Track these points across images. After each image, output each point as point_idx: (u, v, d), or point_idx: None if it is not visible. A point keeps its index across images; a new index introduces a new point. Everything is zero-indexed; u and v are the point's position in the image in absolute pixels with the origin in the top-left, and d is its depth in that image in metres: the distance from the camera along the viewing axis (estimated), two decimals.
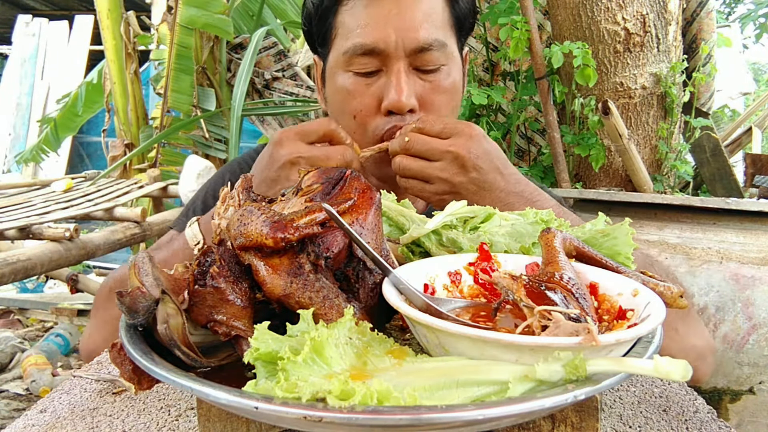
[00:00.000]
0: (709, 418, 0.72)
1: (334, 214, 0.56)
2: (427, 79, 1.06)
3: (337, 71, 1.08)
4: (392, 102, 1.02)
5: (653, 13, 2.90)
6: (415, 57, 1.03)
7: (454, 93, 1.10)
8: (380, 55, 1.03)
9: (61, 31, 8.52)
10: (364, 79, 1.05)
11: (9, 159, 7.93)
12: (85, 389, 0.81)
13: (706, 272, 2.25)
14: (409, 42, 1.02)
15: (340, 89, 1.08)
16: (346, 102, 1.07)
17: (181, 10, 3.95)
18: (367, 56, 1.03)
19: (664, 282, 0.66)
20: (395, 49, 1.02)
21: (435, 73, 1.06)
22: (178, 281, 0.56)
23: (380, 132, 1.05)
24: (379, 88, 1.04)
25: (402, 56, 1.02)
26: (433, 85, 1.06)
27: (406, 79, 1.03)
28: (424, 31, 1.03)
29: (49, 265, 2.52)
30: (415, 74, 1.05)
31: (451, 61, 1.08)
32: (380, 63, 1.04)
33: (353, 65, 1.05)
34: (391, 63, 1.03)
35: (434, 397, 0.44)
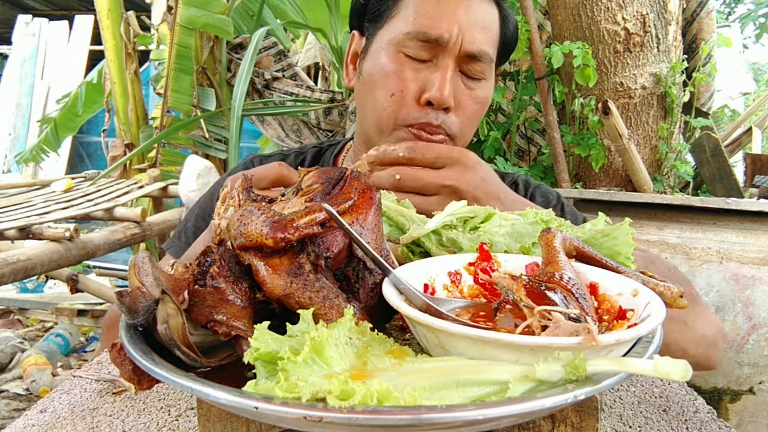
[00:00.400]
0: (709, 418, 0.72)
1: (334, 214, 0.56)
2: (469, 85, 1.09)
3: (388, 49, 1.09)
4: (434, 95, 1.04)
5: (653, 13, 2.90)
6: (465, 60, 1.06)
7: (484, 107, 1.14)
8: (437, 46, 1.04)
9: (61, 31, 8.53)
10: (414, 63, 1.07)
11: (9, 159, 7.93)
12: (85, 389, 0.81)
13: (706, 272, 2.25)
14: (467, 44, 1.05)
15: (386, 66, 1.08)
16: (388, 79, 1.08)
17: (181, 10, 3.95)
18: (426, 43, 1.05)
19: (664, 282, 0.66)
20: (453, 45, 1.04)
21: (476, 83, 1.10)
22: (178, 281, 0.56)
23: (411, 121, 1.06)
24: (424, 78, 1.06)
25: (455, 55, 1.05)
26: (472, 93, 1.09)
27: (452, 76, 1.05)
28: (480, 40, 1.06)
29: (49, 265, 2.52)
30: (460, 77, 1.08)
31: (489, 78, 1.12)
32: (433, 55, 1.05)
33: (408, 48, 1.06)
34: (444, 58, 1.05)
35: (434, 397, 0.44)
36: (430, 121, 1.05)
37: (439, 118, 1.05)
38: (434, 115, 1.05)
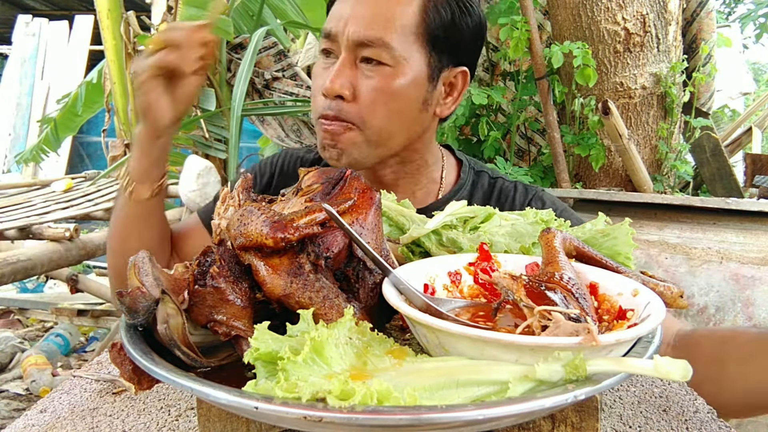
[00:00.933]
0: (709, 418, 0.72)
1: (334, 214, 0.56)
2: (367, 73, 1.10)
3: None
4: (323, 85, 1.09)
5: (653, 13, 2.90)
6: (358, 50, 1.09)
7: (394, 95, 1.11)
8: (333, 41, 1.11)
9: (61, 31, 8.52)
10: (323, 61, 1.15)
11: (9, 159, 7.93)
12: (85, 389, 0.81)
13: (706, 272, 2.25)
14: (353, 34, 1.08)
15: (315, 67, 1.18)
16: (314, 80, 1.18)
17: (181, 10, 3.95)
18: (326, 40, 1.12)
19: (664, 282, 0.66)
20: (341, 37, 1.09)
21: (375, 68, 1.09)
22: (178, 281, 0.56)
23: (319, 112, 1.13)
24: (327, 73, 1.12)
25: (347, 46, 1.09)
26: (371, 81, 1.09)
27: (342, 67, 1.09)
28: (369, 28, 1.08)
29: (49, 265, 2.52)
30: (359, 66, 1.10)
31: (398, 67, 1.10)
32: (335, 50, 1.12)
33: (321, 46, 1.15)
34: (340, 51, 1.11)
35: (434, 397, 0.44)
36: (325, 113, 1.11)
37: (333, 107, 1.10)
38: (327, 105, 1.10)
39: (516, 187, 1.31)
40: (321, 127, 1.13)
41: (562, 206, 1.26)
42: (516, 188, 1.31)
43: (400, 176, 1.24)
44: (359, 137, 1.12)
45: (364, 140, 1.13)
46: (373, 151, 1.15)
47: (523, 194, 1.30)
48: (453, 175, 1.32)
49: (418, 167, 1.25)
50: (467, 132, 3.43)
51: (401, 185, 1.25)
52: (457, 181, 1.31)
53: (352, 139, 1.12)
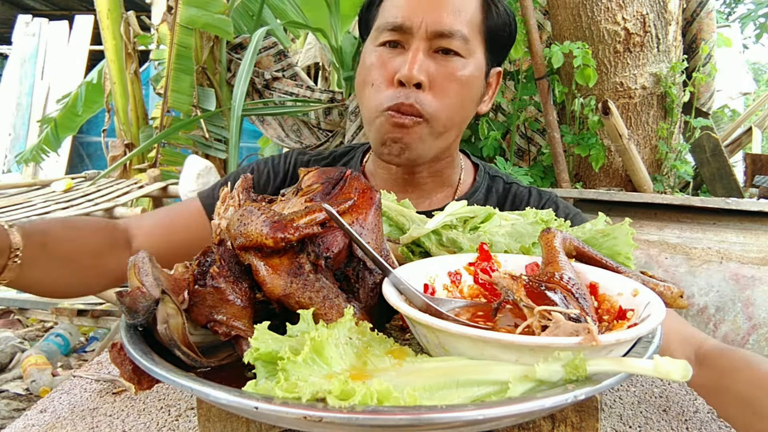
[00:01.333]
0: (709, 418, 0.72)
1: (334, 214, 0.56)
2: (442, 63, 1.09)
3: (369, 45, 1.15)
4: (402, 72, 1.06)
5: (653, 13, 2.90)
6: (435, 41, 1.08)
7: (465, 85, 1.12)
8: (405, 33, 1.08)
9: (61, 31, 8.52)
10: (388, 51, 1.11)
11: (9, 159, 7.93)
12: (85, 389, 0.81)
13: (706, 272, 2.25)
14: (432, 24, 1.07)
15: (366, 62, 1.13)
16: (367, 73, 1.13)
17: (181, 10, 3.95)
18: (395, 32, 1.09)
19: (664, 282, 0.66)
20: (418, 28, 1.07)
21: (451, 58, 1.09)
22: (178, 281, 0.56)
23: (387, 103, 1.08)
24: (398, 62, 1.09)
25: (423, 37, 1.07)
26: (446, 71, 1.09)
27: (421, 56, 1.07)
28: (448, 20, 1.08)
29: None
30: (433, 57, 1.09)
31: (470, 58, 1.11)
32: (403, 41, 1.09)
33: (379, 39, 1.11)
34: (413, 42, 1.08)
35: (434, 397, 0.44)
36: (401, 101, 1.06)
37: (411, 96, 1.06)
38: (405, 94, 1.06)
39: (530, 193, 1.31)
40: (390, 120, 1.08)
41: (574, 211, 1.26)
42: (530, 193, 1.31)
43: (432, 175, 1.23)
44: (426, 130, 1.11)
45: (429, 133, 1.11)
46: (434, 143, 1.14)
47: (537, 199, 1.29)
48: (469, 179, 1.31)
49: (447, 166, 1.25)
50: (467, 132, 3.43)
51: (430, 185, 1.24)
52: (473, 185, 1.30)
53: (419, 133, 1.10)
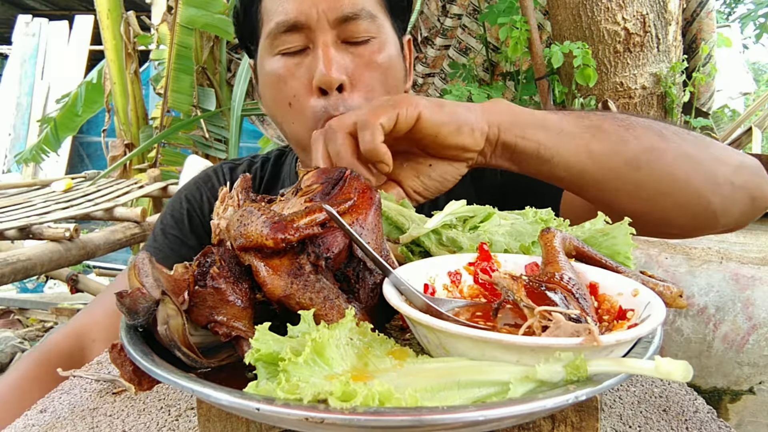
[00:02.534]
0: (709, 418, 0.72)
1: (334, 214, 0.56)
2: (357, 52, 0.97)
3: (265, 58, 1.00)
4: (320, 78, 0.93)
5: (653, 13, 2.90)
6: (341, 28, 0.95)
7: (388, 69, 1.01)
8: (304, 29, 0.95)
9: (61, 31, 8.53)
10: (292, 59, 0.97)
11: (9, 159, 7.93)
12: (85, 389, 0.81)
13: (706, 272, 2.25)
14: (332, 11, 0.94)
15: (269, 75, 0.99)
16: (277, 88, 0.99)
17: (181, 10, 3.95)
18: (292, 33, 0.95)
19: (664, 282, 0.66)
20: (318, 20, 0.94)
21: (365, 45, 0.97)
22: (179, 282, 0.56)
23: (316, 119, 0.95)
24: (308, 66, 0.96)
25: (327, 28, 0.94)
26: (364, 60, 0.97)
27: (333, 51, 0.94)
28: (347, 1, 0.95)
29: (49, 265, 2.52)
30: (345, 48, 0.97)
31: (383, 35, 1.00)
32: (306, 40, 0.96)
33: (278, 46, 0.97)
34: (317, 37, 0.95)
35: (435, 398, 0.44)
36: (329, 113, 0.94)
37: (338, 104, 0.94)
38: (331, 103, 0.94)
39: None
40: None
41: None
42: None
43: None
44: None
45: None
46: None
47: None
48: None
49: None
50: None
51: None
52: None
53: None
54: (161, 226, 1.25)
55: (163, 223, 1.25)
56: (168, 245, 1.21)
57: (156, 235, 1.24)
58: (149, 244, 1.24)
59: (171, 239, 1.22)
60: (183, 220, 1.23)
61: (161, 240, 1.22)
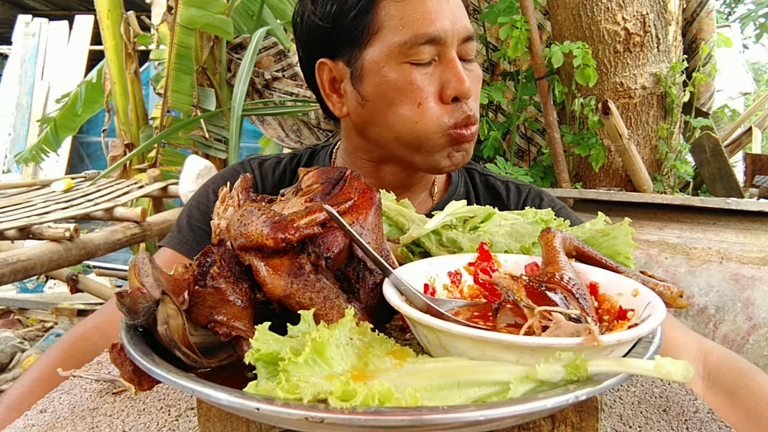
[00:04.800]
0: (709, 418, 0.72)
1: (334, 214, 0.56)
2: (468, 68, 1.09)
3: (387, 65, 1.05)
4: (456, 89, 1.04)
5: (653, 13, 2.90)
6: (462, 46, 1.07)
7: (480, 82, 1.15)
8: (438, 44, 1.04)
9: (61, 31, 8.52)
10: (421, 69, 1.05)
11: (9, 159, 7.93)
12: (85, 389, 0.81)
13: (706, 272, 2.25)
14: (462, 30, 1.05)
15: (395, 83, 1.05)
16: (406, 93, 1.06)
17: (181, 10, 3.95)
18: (428, 45, 1.04)
19: (664, 282, 0.66)
20: (452, 37, 1.04)
21: (471, 63, 1.11)
22: (179, 282, 0.56)
23: (450, 123, 1.06)
24: (438, 77, 1.06)
25: (455, 45, 1.06)
26: (473, 75, 1.10)
27: (461, 66, 1.06)
28: (467, 21, 1.08)
29: (49, 265, 2.52)
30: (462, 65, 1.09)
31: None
32: (435, 53, 1.05)
33: (411, 56, 1.04)
34: (446, 52, 1.05)
35: (435, 397, 0.44)
36: (468, 114, 1.07)
37: (470, 107, 1.07)
38: (466, 107, 1.07)
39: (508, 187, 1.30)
40: (455, 137, 1.07)
41: (560, 204, 1.25)
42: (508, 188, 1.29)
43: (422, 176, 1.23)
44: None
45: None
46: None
47: (516, 194, 1.28)
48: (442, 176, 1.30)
49: None
50: None
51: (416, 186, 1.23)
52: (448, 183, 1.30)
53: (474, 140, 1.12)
54: (187, 218, 1.26)
55: (189, 216, 1.26)
56: (194, 238, 1.22)
57: (181, 227, 1.25)
58: (172, 235, 1.24)
59: (197, 232, 1.22)
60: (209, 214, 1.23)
61: (186, 232, 1.23)
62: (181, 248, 1.21)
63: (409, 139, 1.09)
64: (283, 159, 1.34)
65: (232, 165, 1.37)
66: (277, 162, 1.33)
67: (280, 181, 1.31)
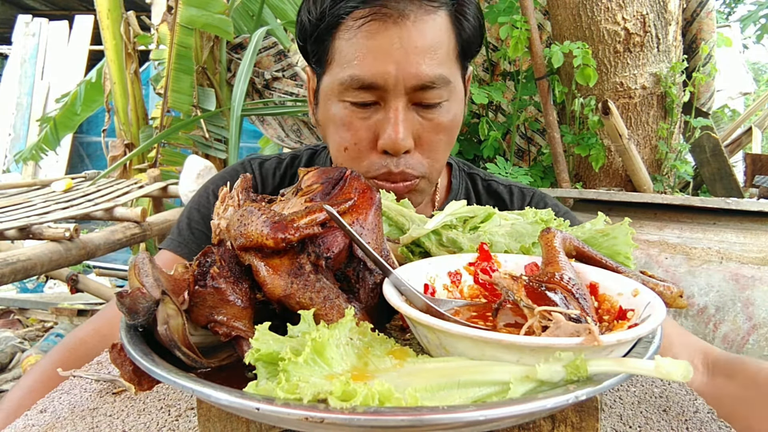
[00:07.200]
0: (709, 418, 0.72)
1: (334, 214, 0.56)
2: (426, 116, 0.99)
3: (331, 98, 1.02)
4: (388, 142, 0.96)
5: (653, 13, 2.90)
6: (415, 94, 0.97)
7: (452, 130, 1.04)
8: (378, 89, 0.96)
9: (61, 31, 8.52)
10: (360, 111, 0.99)
11: (9, 159, 7.93)
12: (85, 389, 0.81)
13: (706, 272, 2.25)
14: (410, 79, 0.94)
15: (333, 118, 1.02)
16: (338, 133, 1.02)
17: (181, 10, 3.95)
18: (364, 90, 0.96)
19: (664, 282, 0.66)
20: (395, 85, 0.94)
21: (435, 110, 0.99)
22: (179, 282, 0.56)
23: (374, 172, 1.00)
24: (375, 123, 0.98)
25: (401, 93, 0.95)
26: (432, 124, 1.00)
27: (403, 117, 0.96)
28: (426, 68, 0.95)
29: (49, 265, 2.52)
30: (415, 110, 0.99)
31: (453, 96, 1.02)
32: (377, 97, 0.97)
33: (348, 96, 0.98)
34: (389, 99, 0.96)
35: (435, 397, 0.44)
36: (390, 170, 0.98)
37: (399, 164, 0.98)
38: (393, 162, 0.98)
39: (511, 191, 1.28)
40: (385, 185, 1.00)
41: (564, 209, 1.24)
42: (512, 192, 1.28)
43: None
44: (422, 184, 1.04)
45: (427, 184, 1.05)
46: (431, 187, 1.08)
47: (520, 198, 1.27)
48: (444, 181, 1.28)
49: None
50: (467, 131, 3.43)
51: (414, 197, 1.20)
52: (449, 188, 1.28)
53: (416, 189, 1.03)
54: (187, 221, 1.25)
55: (189, 218, 1.25)
56: (194, 240, 1.21)
57: (181, 229, 1.24)
58: (172, 237, 1.24)
59: (197, 234, 1.22)
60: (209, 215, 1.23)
61: (186, 235, 1.23)
62: (181, 250, 1.21)
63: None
64: (284, 159, 1.34)
65: (232, 165, 1.36)
66: (278, 162, 1.33)
67: (281, 182, 1.30)
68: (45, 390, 0.85)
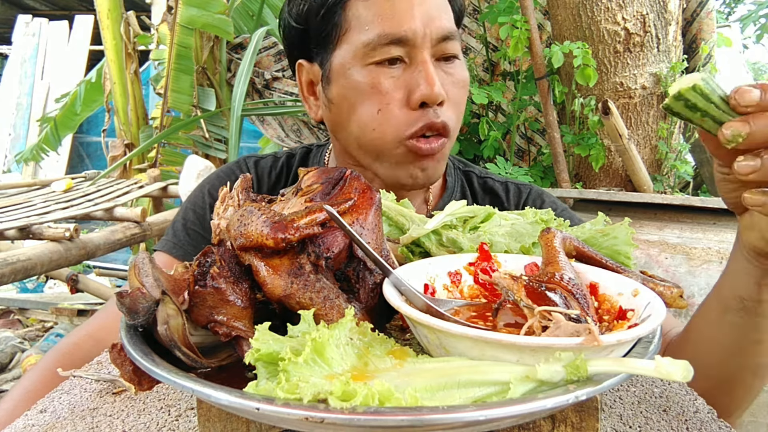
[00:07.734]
0: (709, 418, 0.72)
1: (334, 214, 0.56)
2: (448, 70, 1.02)
3: (352, 68, 1.01)
4: (425, 93, 0.96)
5: (653, 13, 2.90)
6: (438, 47, 1.00)
7: (466, 89, 1.08)
8: (406, 45, 0.98)
9: (61, 31, 8.52)
10: (388, 70, 0.99)
11: (9, 159, 7.94)
12: (85, 389, 0.81)
13: (706, 272, 2.25)
14: (436, 30, 0.98)
15: (357, 86, 1.00)
16: (367, 96, 1.00)
17: (181, 10, 3.95)
18: (393, 46, 0.98)
19: (664, 282, 0.66)
20: (423, 38, 0.98)
21: (452, 63, 1.03)
22: (179, 282, 0.56)
23: (410, 131, 0.99)
24: (405, 80, 0.99)
25: (428, 46, 0.99)
26: (453, 78, 1.03)
27: (434, 69, 0.99)
28: (446, 21, 1.01)
29: (49, 265, 2.52)
30: (438, 65, 1.01)
31: (460, 55, 1.06)
32: (404, 54, 0.99)
33: (376, 56, 0.98)
34: (417, 53, 0.98)
35: (435, 397, 0.44)
36: (432, 121, 0.98)
37: (439, 115, 0.98)
38: (433, 114, 0.98)
39: (507, 188, 1.27)
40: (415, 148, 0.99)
41: (561, 206, 1.24)
42: (508, 188, 1.27)
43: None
44: (447, 147, 1.04)
45: (448, 149, 1.05)
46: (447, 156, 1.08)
47: (516, 194, 1.26)
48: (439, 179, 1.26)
49: None
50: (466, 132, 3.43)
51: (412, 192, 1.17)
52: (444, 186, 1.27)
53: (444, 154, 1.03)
54: (182, 221, 1.24)
55: (184, 219, 1.24)
56: (189, 242, 1.20)
57: (176, 230, 1.23)
58: (167, 239, 1.23)
59: (193, 235, 1.21)
60: (205, 216, 1.23)
61: (182, 236, 1.21)
62: (177, 252, 1.19)
63: (369, 148, 1.04)
64: (279, 158, 1.33)
65: (227, 164, 1.35)
66: (274, 161, 1.32)
67: (277, 180, 1.30)
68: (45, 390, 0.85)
